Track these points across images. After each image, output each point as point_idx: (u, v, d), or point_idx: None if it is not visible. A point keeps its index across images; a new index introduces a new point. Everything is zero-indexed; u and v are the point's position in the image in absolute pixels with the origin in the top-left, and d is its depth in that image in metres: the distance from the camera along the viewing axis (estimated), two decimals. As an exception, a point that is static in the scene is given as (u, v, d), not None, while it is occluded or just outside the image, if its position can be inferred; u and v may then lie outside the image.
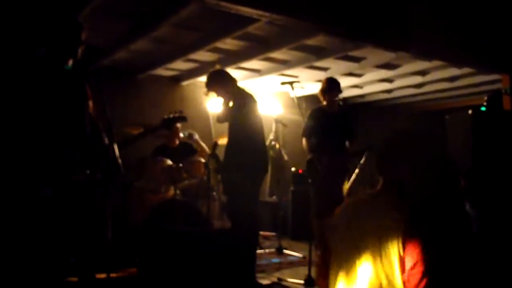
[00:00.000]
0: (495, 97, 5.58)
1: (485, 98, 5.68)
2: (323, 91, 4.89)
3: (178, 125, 5.05)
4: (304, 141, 4.83)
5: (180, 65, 6.02)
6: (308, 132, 4.78)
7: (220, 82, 4.06)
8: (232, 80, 4.09)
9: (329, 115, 4.83)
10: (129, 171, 4.42)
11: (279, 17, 3.56)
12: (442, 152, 1.87)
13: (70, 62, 2.77)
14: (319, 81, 6.63)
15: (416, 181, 1.70)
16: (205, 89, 4.19)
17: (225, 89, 4.03)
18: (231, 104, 4.00)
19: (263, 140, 4.14)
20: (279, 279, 3.98)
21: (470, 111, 5.75)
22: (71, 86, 2.77)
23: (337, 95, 4.88)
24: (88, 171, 2.78)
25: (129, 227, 4.15)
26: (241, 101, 3.96)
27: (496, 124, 4.99)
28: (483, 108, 5.63)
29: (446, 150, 6.01)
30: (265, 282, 3.83)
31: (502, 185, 4.50)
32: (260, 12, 3.43)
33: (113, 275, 3.07)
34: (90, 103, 2.95)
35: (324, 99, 4.90)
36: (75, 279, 2.78)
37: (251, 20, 3.94)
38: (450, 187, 1.78)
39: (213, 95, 4.18)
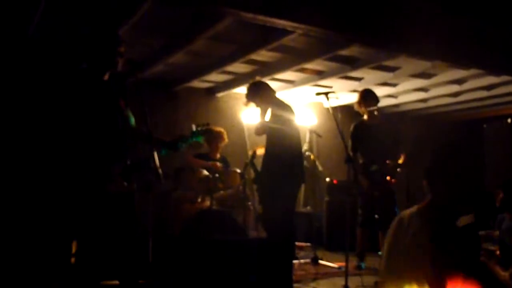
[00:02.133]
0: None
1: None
2: (360, 103, 4.98)
3: (225, 141, 5.20)
4: (352, 154, 4.79)
5: (215, 77, 6.13)
6: (354, 147, 4.90)
7: (260, 93, 4.15)
8: (271, 91, 4.17)
9: (371, 128, 4.90)
10: (167, 181, 4.55)
11: (313, 28, 3.61)
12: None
13: (107, 75, 2.87)
14: (354, 91, 6.66)
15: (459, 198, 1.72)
16: (244, 100, 4.28)
17: (264, 100, 4.11)
18: (269, 114, 4.07)
19: (300, 150, 4.18)
20: (315, 289, 3.98)
21: (509, 120, 5.66)
22: (107, 98, 2.87)
23: (374, 105, 4.93)
24: (126, 183, 2.86)
25: (168, 236, 4.24)
26: (279, 112, 4.03)
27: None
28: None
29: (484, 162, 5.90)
30: (301, 292, 3.85)
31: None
32: (295, 24, 3.49)
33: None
34: (128, 114, 3.04)
35: (363, 111, 4.97)
36: (116, 283, 2.86)
37: (285, 32, 4.01)
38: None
39: (252, 106, 4.26)
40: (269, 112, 4.08)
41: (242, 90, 6.53)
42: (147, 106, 2.92)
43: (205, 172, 4.94)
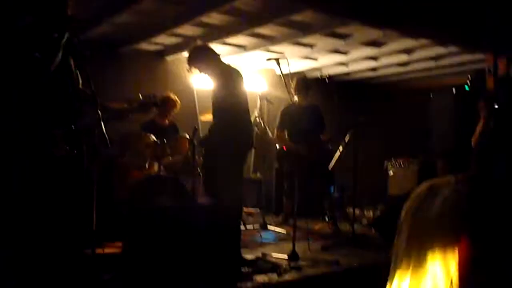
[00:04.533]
0: (478, 77, 5.64)
1: (469, 77, 5.73)
2: (298, 89, 5.31)
3: (176, 108, 5.09)
4: (277, 132, 5.38)
5: (165, 39, 5.92)
6: (282, 127, 5.32)
7: (203, 58, 3.99)
8: (216, 56, 4.02)
9: (302, 110, 5.24)
10: (113, 146, 4.40)
11: (266, -9, 3.51)
12: None
13: (56, 34, 2.69)
14: (305, 57, 6.64)
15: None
16: (187, 65, 4.11)
17: (208, 65, 3.96)
18: (215, 81, 3.95)
19: (249, 117, 4.13)
20: (263, 254, 4.00)
21: (454, 90, 5.82)
22: (57, 58, 2.70)
23: (310, 95, 5.38)
24: (68, 147, 2.73)
25: (114, 203, 4.13)
26: (226, 78, 3.92)
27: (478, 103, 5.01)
28: (466, 87, 5.68)
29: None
30: (249, 257, 3.85)
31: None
32: (247, -14, 3.37)
33: (99, 251, 3.05)
34: (76, 76, 2.89)
35: (297, 96, 5.31)
36: (62, 254, 2.76)
37: (238, -6, 3.89)
38: None
39: (195, 72, 4.11)
40: (214, 77, 3.97)
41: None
42: (90, 67, 2.78)
43: (153, 138, 4.80)
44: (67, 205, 2.78)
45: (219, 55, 4.06)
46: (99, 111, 2.77)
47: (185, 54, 6.29)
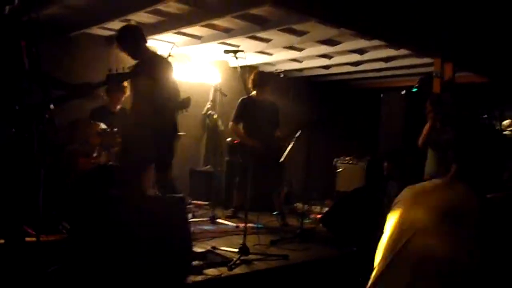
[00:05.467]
0: (426, 80, 5.84)
1: (418, 80, 5.93)
2: (255, 83, 5.30)
3: (126, 93, 4.93)
4: (232, 125, 5.34)
5: (118, 25, 5.69)
6: (238, 119, 5.31)
7: (130, 40, 3.88)
8: (144, 41, 3.92)
9: (258, 105, 5.23)
10: (61, 133, 4.24)
11: (227, -18, 3.47)
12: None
13: (7, 9, 2.56)
14: (260, 52, 6.64)
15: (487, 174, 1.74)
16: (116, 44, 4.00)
17: (135, 48, 3.87)
18: (138, 66, 3.87)
19: (172, 105, 4.03)
20: (213, 247, 3.99)
21: (403, 92, 6.01)
22: (6, 35, 2.57)
23: (266, 90, 5.34)
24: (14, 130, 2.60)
25: (60, 191, 3.98)
26: (150, 65, 3.85)
27: (425, 105, 5.18)
28: (414, 89, 5.88)
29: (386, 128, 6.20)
30: (199, 250, 3.82)
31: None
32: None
33: (43, 238, 2.93)
34: (25, 54, 2.76)
35: (254, 89, 5.31)
36: (1, 241, 2.64)
37: (198, -16, 3.83)
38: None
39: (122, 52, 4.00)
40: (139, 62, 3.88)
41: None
42: (38, 49, 2.66)
43: (103, 126, 4.66)
44: (13, 190, 2.66)
45: (146, 41, 3.99)
46: (49, 92, 2.66)
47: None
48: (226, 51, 4.28)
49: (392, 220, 1.77)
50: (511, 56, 5.99)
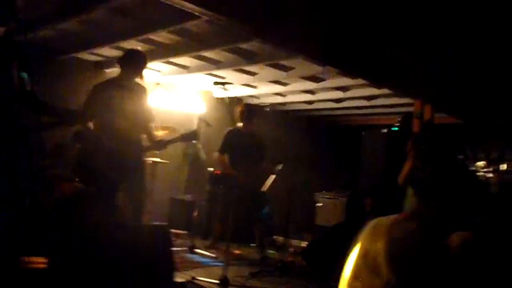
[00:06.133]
0: (407, 119, 5.99)
1: (398, 119, 6.08)
2: (242, 115, 5.38)
3: None
4: (218, 155, 5.39)
5: (107, 51, 5.80)
6: (223, 149, 5.34)
7: (136, 65, 3.98)
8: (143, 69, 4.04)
9: (244, 137, 5.30)
10: (45, 157, 4.22)
11: (221, 17, 3.56)
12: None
13: (1, 30, 2.59)
14: (246, 85, 6.75)
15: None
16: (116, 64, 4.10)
17: (134, 73, 3.98)
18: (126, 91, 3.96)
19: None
20: (193, 278, 3.97)
21: (384, 130, 6.14)
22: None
23: (254, 123, 5.44)
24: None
25: (42, 215, 3.93)
26: (137, 91, 4.00)
27: (405, 144, 5.32)
28: (395, 128, 6.02)
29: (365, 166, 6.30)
30: (178, 279, 3.79)
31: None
32: (203, 10, 3.42)
33: (24, 266, 2.88)
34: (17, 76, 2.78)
35: (241, 121, 5.38)
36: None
37: (191, 16, 3.91)
38: None
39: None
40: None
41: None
42: (32, 71, 2.70)
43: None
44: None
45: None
46: (40, 115, 2.68)
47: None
48: (216, 83, 4.36)
49: (354, 252, 1.81)
50: (485, 98, 6.23)
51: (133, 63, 3.98)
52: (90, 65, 6.33)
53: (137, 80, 4.05)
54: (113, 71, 6.36)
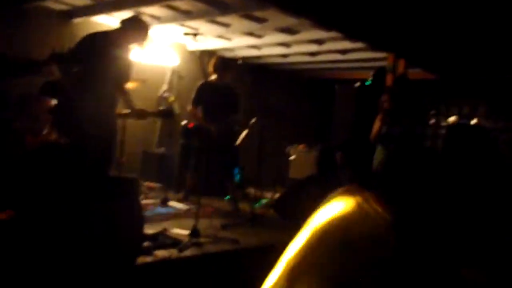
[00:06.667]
0: (380, 73, 6.01)
1: (371, 73, 6.09)
2: (215, 68, 5.30)
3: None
4: (191, 108, 5.37)
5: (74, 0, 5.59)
6: (197, 102, 5.31)
7: (135, 31, 4.14)
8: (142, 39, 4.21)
9: (217, 90, 5.26)
10: (8, 108, 4.10)
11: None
12: None
13: None
14: (219, 36, 6.62)
15: None
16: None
17: (131, 38, 4.14)
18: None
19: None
20: (164, 229, 3.99)
21: (357, 84, 6.15)
22: None
23: (227, 76, 5.37)
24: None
25: (6, 169, 3.86)
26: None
27: (378, 98, 5.36)
28: (367, 83, 6.03)
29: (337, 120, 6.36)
30: (150, 231, 3.82)
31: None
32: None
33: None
34: None
35: (214, 74, 5.31)
36: None
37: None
38: None
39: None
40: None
41: (102, 18, 6.08)
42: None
43: (54, 102, 4.54)
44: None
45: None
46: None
47: (94, 18, 6.04)
48: (186, 34, 4.27)
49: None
50: (459, 55, 6.25)
51: (133, 29, 4.11)
52: (56, 15, 6.08)
53: (135, 45, 4.16)
54: (81, 22, 6.17)
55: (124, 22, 4.14)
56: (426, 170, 1.02)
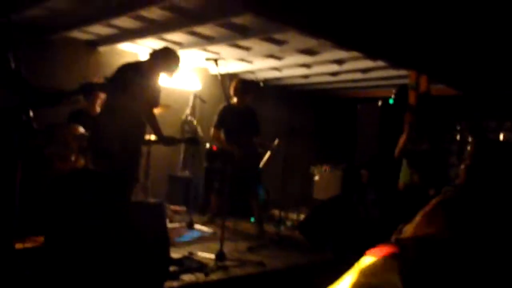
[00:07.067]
0: (402, 91, 5.97)
1: (394, 91, 6.07)
2: (236, 91, 5.39)
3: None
4: (214, 131, 5.41)
5: (99, 29, 5.74)
6: (219, 125, 5.38)
7: (164, 62, 4.25)
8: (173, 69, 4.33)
9: (238, 112, 5.33)
10: (38, 136, 4.21)
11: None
12: None
13: None
14: (241, 59, 6.70)
15: None
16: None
17: (161, 68, 4.25)
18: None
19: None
20: (190, 253, 4.01)
21: (379, 102, 6.13)
22: None
23: (248, 98, 5.43)
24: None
25: (36, 195, 3.95)
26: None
27: (401, 116, 5.32)
28: (391, 101, 6.01)
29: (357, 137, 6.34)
30: (175, 255, 3.84)
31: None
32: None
33: (19, 245, 2.91)
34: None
35: (235, 97, 5.39)
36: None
37: (181, -9, 3.87)
38: None
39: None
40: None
41: (126, 46, 6.23)
42: (17, 52, 2.68)
43: (81, 129, 4.65)
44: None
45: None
46: (27, 95, 2.67)
47: (119, 46, 6.20)
48: (208, 59, 4.34)
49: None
50: (482, 70, 6.18)
51: (164, 60, 4.22)
52: (82, 44, 6.27)
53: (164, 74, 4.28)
54: (106, 49, 6.34)
55: (155, 53, 4.23)
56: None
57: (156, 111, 4.75)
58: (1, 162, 2.70)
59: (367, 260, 1.26)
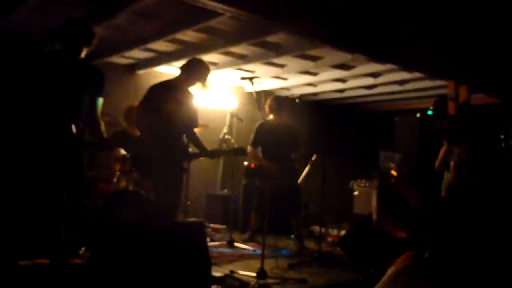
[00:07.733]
0: (441, 102, 5.86)
1: (432, 102, 5.96)
2: (271, 108, 5.42)
3: None
4: (250, 149, 5.41)
5: (137, 53, 5.92)
6: (256, 143, 5.43)
7: (194, 72, 4.24)
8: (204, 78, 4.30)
9: (275, 129, 5.39)
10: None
11: (243, 12, 3.57)
12: None
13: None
14: (275, 77, 6.76)
15: None
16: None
17: (192, 80, 4.25)
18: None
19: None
20: (231, 272, 4.02)
21: (418, 114, 6.02)
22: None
23: (284, 114, 5.48)
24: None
25: (80, 217, 4.07)
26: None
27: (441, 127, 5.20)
28: (429, 112, 5.89)
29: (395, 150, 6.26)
30: (217, 274, 3.86)
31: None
32: (225, 7, 3.43)
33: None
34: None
35: (271, 114, 5.45)
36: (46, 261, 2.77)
37: (215, 14, 3.94)
38: None
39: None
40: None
41: (163, 68, 6.39)
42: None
43: (122, 152, 4.77)
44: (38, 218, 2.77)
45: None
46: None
47: (157, 69, 6.36)
48: (243, 78, 4.40)
49: None
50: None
51: (192, 71, 4.22)
52: (121, 68, 6.47)
53: (197, 87, 4.29)
54: (145, 73, 6.52)
55: (183, 67, 4.28)
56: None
57: (196, 131, 4.84)
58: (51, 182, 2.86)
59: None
